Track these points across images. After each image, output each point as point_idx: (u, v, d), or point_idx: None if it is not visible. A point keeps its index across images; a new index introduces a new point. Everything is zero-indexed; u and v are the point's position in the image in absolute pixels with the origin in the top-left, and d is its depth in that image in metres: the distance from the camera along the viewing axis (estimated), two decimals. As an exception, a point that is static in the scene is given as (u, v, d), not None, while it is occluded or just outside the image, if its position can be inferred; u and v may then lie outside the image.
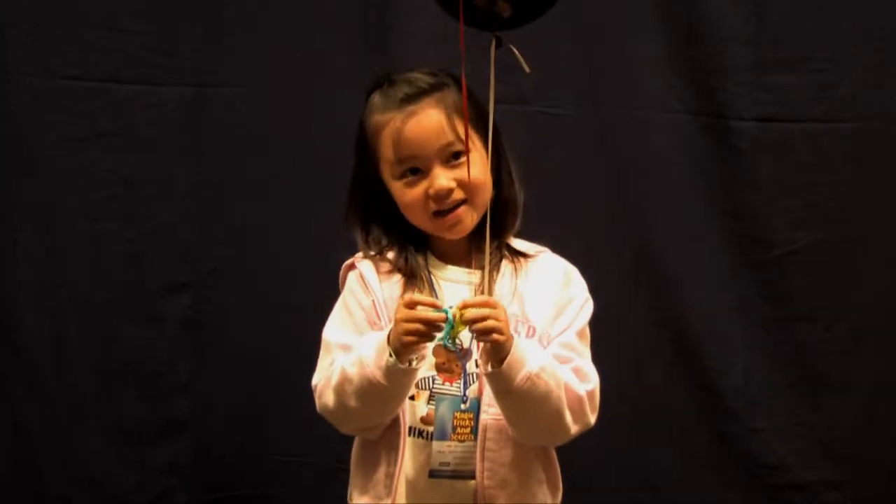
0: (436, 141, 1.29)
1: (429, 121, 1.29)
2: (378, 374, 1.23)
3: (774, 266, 2.04)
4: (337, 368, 1.29)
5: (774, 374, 2.05)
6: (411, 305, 1.21)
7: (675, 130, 2.03)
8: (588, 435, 1.33)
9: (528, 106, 1.98)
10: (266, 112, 2.01)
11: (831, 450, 2.06)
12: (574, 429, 1.29)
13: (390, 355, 1.22)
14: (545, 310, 1.33)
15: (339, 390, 1.27)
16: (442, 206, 1.30)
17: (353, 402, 1.26)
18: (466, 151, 1.28)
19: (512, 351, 1.22)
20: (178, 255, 2.02)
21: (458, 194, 1.30)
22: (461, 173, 1.29)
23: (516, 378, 1.22)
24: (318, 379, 1.33)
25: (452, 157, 1.30)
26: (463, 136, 1.27)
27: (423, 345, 1.23)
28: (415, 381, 1.28)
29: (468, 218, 1.32)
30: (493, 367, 1.23)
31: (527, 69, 1.23)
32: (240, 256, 2.03)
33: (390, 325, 1.24)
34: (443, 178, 1.29)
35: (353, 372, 1.26)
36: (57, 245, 2.00)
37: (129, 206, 2.01)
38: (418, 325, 1.20)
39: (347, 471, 1.39)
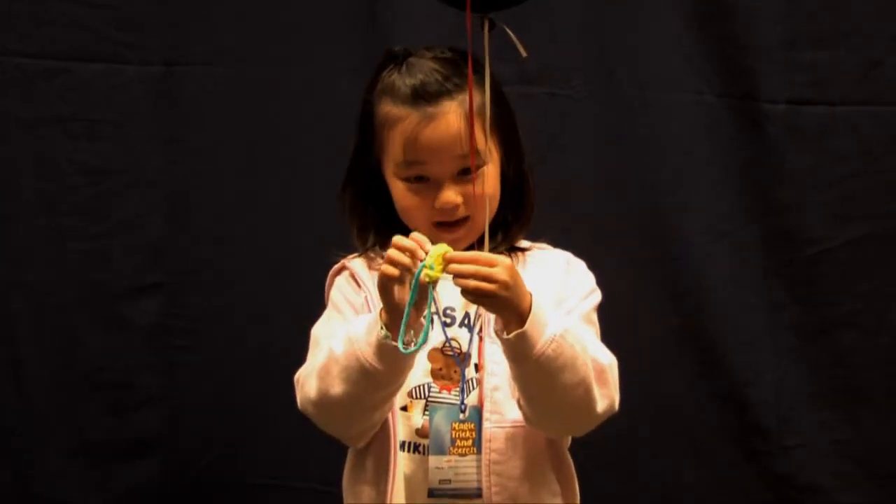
0: (451, 151, 1.30)
1: (447, 129, 1.29)
2: (368, 353, 1.22)
3: (809, 266, 2.03)
4: (323, 351, 1.28)
5: (808, 385, 2.04)
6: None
7: (698, 114, 2.02)
8: (603, 450, 1.35)
9: (534, 87, 1.98)
10: (244, 93, 2.00)
11: (871, 470, 2.05)
12: (600, 406, 1.26)
13: (382, 328, 1.21)
14: (545, 299, 1.30)
15: (323, 373, 1.26)
16: (446, 218, 1.32)
17: (337, 388, 1.25)
18: (472, 161, 1.27)
19: (532, 310, 1.19)
20: (148, 253, 2.01)
21: (463, 211, 1.31)
22: (471, 187, 1.29)
23: (539, 341, 1.19)
24: (301, 371, 1.33)
25: (465, 170, 1.31)
26: (482, 146, 1.28)
27: (419, 325, 1.21)
28: (410, 367, 1.26)
29: (468, 236, 1.34)
30: (509, 330, 1.20)
31: (523, 53, 1.23)
32: (216, 255, 2.02)
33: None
34: (451, 192, 1.30)
35: (341, 350, 1.24)
36: (11, 242, 1.99)
37: (92, 198, 2.00)
38: (401, 256, 1.18)
39: (333, 495, 1.38)
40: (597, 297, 1.37)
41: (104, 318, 2.00)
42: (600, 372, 1.27)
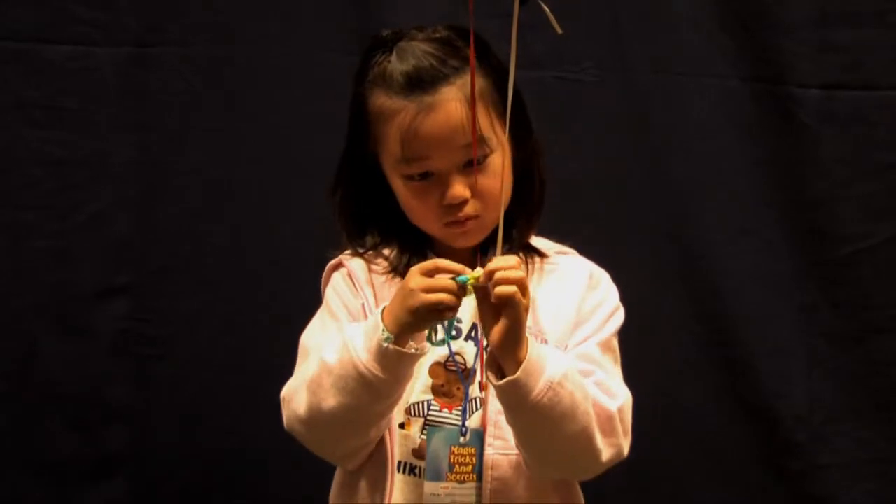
0: (455, 142, 1.27)
1: (448, 117, 1.26)
2: (367, 359, 1.20)
3: (844, 266, 2.02)
4: (314, 362, 1.27)
5: (844, 398, 2.04)
6: (432, 273, 1.18)
7: (722, 99, 2.01)
8: (618, 470, 1.31)
9: (543, 70, 1.97)
10: (222, 77, 1.99)
11: (914, 491, 2.06)
12: (605, 455, 1.26)
13: (384, 331, 1.19)
14: (562, 319, 1.32)
15: (315, 386, 1.24)
16: (454, 216, 1.30)
17: (330, 401, 1.23)
18: (475, 154, 1.26)
19: (528, 354, 1.18)
20: (115, 252, 2.00)
21: (471, 208, 1.29)
22: (480, 179, 1.28)
23: (534, 388, 1.18)
24: (289, 386, 1.31)
25: (471, 161, 1.29)
26: (487, 132, 1.27)
27: (423, 331, 1.21)
28: (410, 377, 1.25)
29: (477, 235, 1.32)
30: (502, 376, 1.19)
31: (559, 30, 1.20)
32: (190, 255, 2.01)
33: (385, 304, 1.22)
34: (459, 185, 1.28)
35: (334, 360, 1.23)
36: (-34, 239, 1.99)
37: (56, 192, 1.98)
38: (443, 296, 1.16)
39: (320, 518, 1.39)
40: (619, 318, 1.36)
41: (66, 323, 1.99)
42: (606, 420, 1.26)
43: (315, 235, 1.40)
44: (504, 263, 1.16)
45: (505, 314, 1.16)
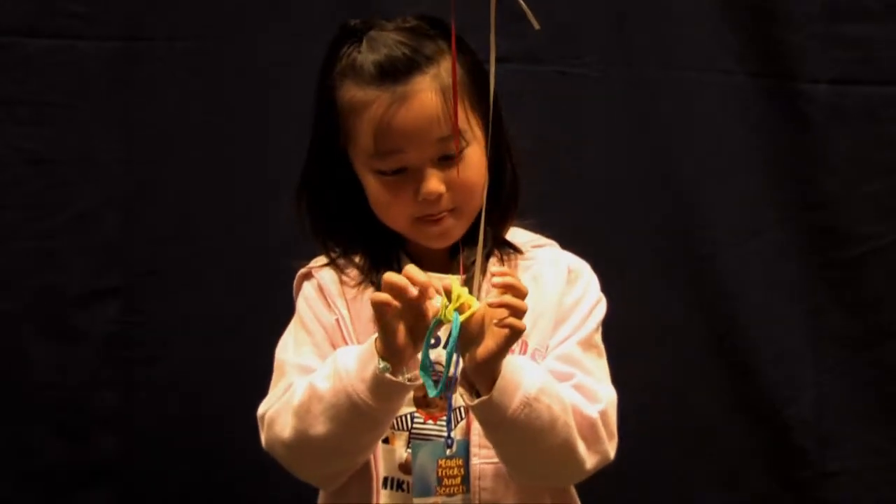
0: (430, 134, 1.26)
1: (422, 108, 1.25)
2: (360, 388, 1.19)
3: (855, 267, 2.02)
4: (300, 387, 1.26)
5: (854, 403, 2.03)
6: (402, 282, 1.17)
7: (729, 95, 2.00)
8: (621, 477, 1.34)
9: (543, 65, 1.97)
10: (213, 72, 1.98)
11: (927, 498, 2.05)
12: (590, 462, 1.26)
13: (380, 362, 1.18)
14: (542, 319, 1.31)
15: (302, 412, 1.24)
16: (429, 211, 1.29)
17: (319, 428, 1.23)
18: (456, 143, 1.24)
19: (502, 372, 1.18)
20: (103, 253, 1.99)
21: (447, 202, 1.28)
22: (454, 172, 1.27)
23: (510, 406, 1.18)
24: (267, 406, 1.31)
25: (446, 155, 1.28)
26: (463, 124, 1.26)
27: (411, 358, 1.20)
28: (403, 404, 1.25)
29: (456, 230, 1.31)
30: (476, 395, 1.19)
31: (536, 24, 1.19)
32: (181, 255, 2.00)
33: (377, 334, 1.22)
34: (434, 179, 1.27)
35: (326, 387, 1.22)
36: (-52, 241, 1.99)
37: (41, 191, 1.98)
38: (381, 296, 1.15)
39: (312, 532, 1.40)
40: (601, 312, 1.35)
41: (54, 327, 1.98)
42: (588, 428, 1.26)
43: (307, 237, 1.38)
44: (515, 284, 1.15)
45: (501, 342, 1.15)
